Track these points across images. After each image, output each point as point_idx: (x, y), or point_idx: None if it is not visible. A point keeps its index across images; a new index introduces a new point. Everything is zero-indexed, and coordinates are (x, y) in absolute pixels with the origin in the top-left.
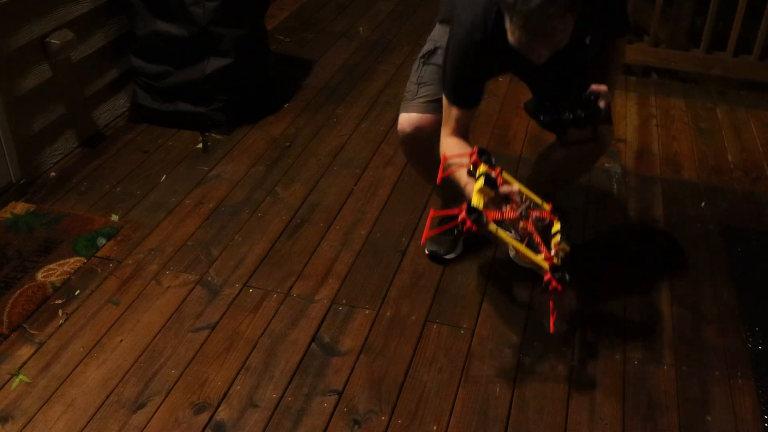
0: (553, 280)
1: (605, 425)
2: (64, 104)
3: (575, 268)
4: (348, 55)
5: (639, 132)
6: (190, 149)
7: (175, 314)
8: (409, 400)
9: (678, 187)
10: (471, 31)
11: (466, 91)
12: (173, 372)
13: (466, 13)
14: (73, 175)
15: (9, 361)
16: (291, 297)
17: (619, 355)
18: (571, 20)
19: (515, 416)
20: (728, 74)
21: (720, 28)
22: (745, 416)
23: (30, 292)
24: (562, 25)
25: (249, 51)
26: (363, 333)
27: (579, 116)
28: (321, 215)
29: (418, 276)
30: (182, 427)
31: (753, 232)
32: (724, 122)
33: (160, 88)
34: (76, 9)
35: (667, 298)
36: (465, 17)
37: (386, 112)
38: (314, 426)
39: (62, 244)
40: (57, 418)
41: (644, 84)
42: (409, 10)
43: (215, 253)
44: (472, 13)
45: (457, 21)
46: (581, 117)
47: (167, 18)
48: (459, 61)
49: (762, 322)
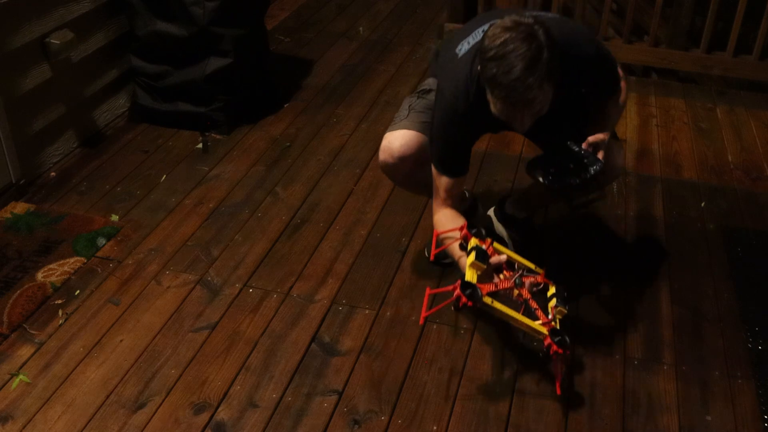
0: (554, 345)
1: (605, 425)
2: (64, 104)
3: (576, 268)
4: (348, 55)
5: (639, 132)
6: (190, 149)
7: (175, 314)
8: (409, 400)
9: (678, 187)
10: (454, 103)
11: (453, 161)
12: (173, 372)
13: (448, 85)
14: (73, 175)
15: (9, 361)
16: (291, 297)
17: (619, 355)
18: (550, 90)
19: (515, 416)
20: (728, 74)
21: (720, 28)
22: (745, 416)
23: (30, 292)
24: (542, 96)
25: (249, 51)
26: (363, 333)
27: (585, 179)
28: (321, 215)
29: (418, 276)
30: (182, 427)
31: (753, 232)
32: (724, 122)
33: (160, 88)
34: (76, 9)
35: (667, 298)
36: (448, 89)
37: (386, 112)
38: (314, 426)
39: (62, 244)
40: (57, 418)
41: (644, 84)
42: (409, 10)
43: (215, 253)
44: (454, 85)
45: (440, 93)
46: (587, 180)
47: (167, 18)
48: (445, 132)
49: (762, 322)
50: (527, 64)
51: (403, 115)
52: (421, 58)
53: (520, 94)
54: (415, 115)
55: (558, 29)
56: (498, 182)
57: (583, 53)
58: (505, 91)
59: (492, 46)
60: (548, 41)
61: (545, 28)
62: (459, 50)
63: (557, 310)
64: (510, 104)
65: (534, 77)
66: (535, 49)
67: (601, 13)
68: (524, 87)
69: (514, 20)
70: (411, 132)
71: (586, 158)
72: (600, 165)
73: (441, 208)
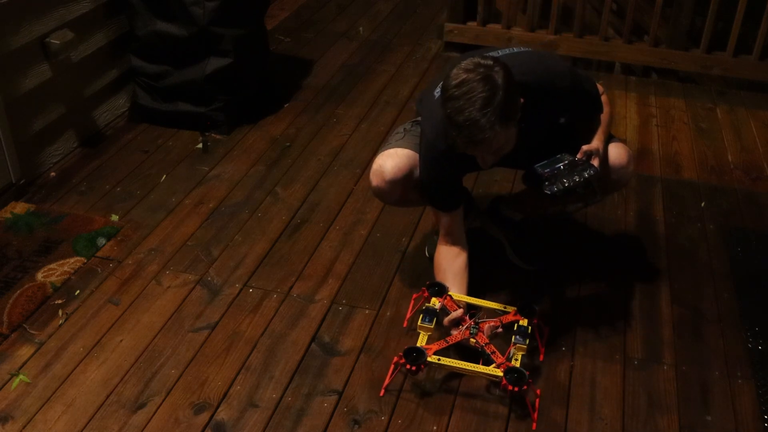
0: (509, 384)
1: (605, 425)
2: (64, 104)
3: (576, 268)
4: (348, 55)
5: (639, 132)
6: (190, 149)
7: (175, 314)
8: (409, 400)
9: (678, 187)
10: (434, 142)
11: (445, 197)
12: (173, 372)
13: (428, 126)
14: (73, 175)
15: (9, 361)
16: (291, 297)
17: (619, 355)
18: (506, 130)
19: (515, 416)
20: (728, 74)
21: (720, 28)
22: (745, 416)
23: (30, 292)
24: (495, 136)
25: (249, 51)
26: (363, 333)
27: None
28: (321, 215)
29: (418, 276)
30: (182, 427)
31: (753, 232)
32: (724, 122)
33: (160, 88)
34: (76, 9)
35: (667, 298)
36: (428, 130)
37: (386, 112)
38: (314, 426)
39: (62, 244)
40: (57, 418)
41: (644, 84)
42: (409, 10)
43: (215, 253)
44: (432, 125)
45: (423, 133)
46: (580, 184)
47: (167, 18)
48: (431, 171)
49: (762, 322)
50: (480, 105)
51: (399, 137)
52: (421, 58)
53: (473, 134)
54: (410, 138)
55: (528, 66)
56: (498, 182)
57: (557, 88)
58: (458, 130)
59: (450, 86)
60: (505, 83)
61: (505, 71)
62: (436, 92)
63: (515, 347)
64: (465, 142)
65: (486, 118)
66: (489, 91)
67: (601, 13)
68: (476, 128)
69: (475, 62)
70: (403, 151)
71: (579, 165)
72: (594, 170)
73: (441, 244)
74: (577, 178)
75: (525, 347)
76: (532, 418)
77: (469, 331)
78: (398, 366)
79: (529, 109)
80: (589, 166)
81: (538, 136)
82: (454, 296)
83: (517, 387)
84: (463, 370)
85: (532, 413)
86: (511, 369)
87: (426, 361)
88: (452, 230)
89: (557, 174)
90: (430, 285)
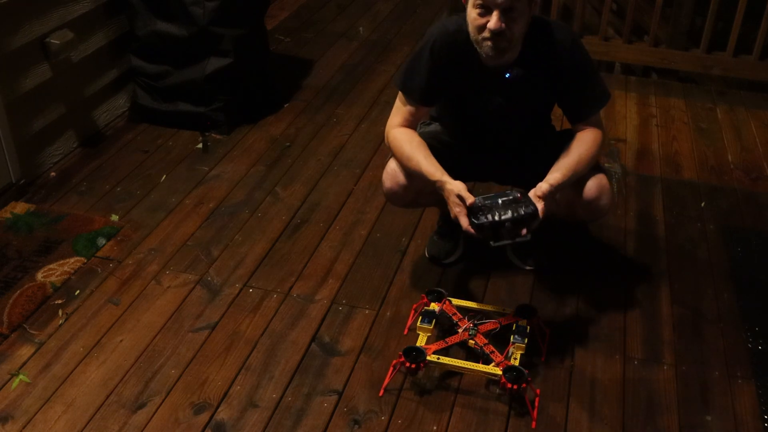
0: (507, 382)
1: (605, 425)
2: (64, 104)
3: (576, 268)
4: (348, 55)
5: (639, 132)
6: (190, 149)
7: (175, 314)
8: (409, 399)
9: (678, 187)
10: (446, 24)
11: (414, 77)
12: (173, 372)
13: (440, 22)
14: (73, 175)
15: (9, 361)
16: (291, 297)
17: (619, 355)
18: (526, 9)
19: (515, 416)
20: (728, 74)
21: (720, 28)
22: (745, 416)
23: (30, 292)
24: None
25: (249, 51)
26: (363, 333)
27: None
28: (321, 215)
29: (418, 276)
30: (182, 427)
31: (753, 232)
32: (724, 122)
33: (160, 88)
34: (76, 9)
35: (667, 298)
36: (440, 22)
37: (386, 112)
38: (314, 426)
39: (62, 244)
40: (57, 418)
41: (644, 84)
42: (409, 10)
43: (215, 253)
44: (446, 19)
45: (432, 28)
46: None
47: (167, 18)
48: (423, 46)
49: (762, 322)
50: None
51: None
52: None
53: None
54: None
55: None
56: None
57: (558, 41)
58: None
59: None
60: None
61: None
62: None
63: (514, 347)
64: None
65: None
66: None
67: (601, 13)
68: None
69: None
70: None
71: (521, 203)
72: (533, 209)
73: (397, 130)
74: (509, 214)
75: (524, 346)
76: (531, 417)
77: (469, 333)
78: (398, 366)
79: (529, 48)
80: (530, 206)
81: (531, 99)
82: (452, 301)
83: (516, 385)
84: (463, 368)
85: (531, 412)
86: (510, 367)
87: (425, 359)
88: (411, 124)
89: (492, 207)
90: (429, 292)
